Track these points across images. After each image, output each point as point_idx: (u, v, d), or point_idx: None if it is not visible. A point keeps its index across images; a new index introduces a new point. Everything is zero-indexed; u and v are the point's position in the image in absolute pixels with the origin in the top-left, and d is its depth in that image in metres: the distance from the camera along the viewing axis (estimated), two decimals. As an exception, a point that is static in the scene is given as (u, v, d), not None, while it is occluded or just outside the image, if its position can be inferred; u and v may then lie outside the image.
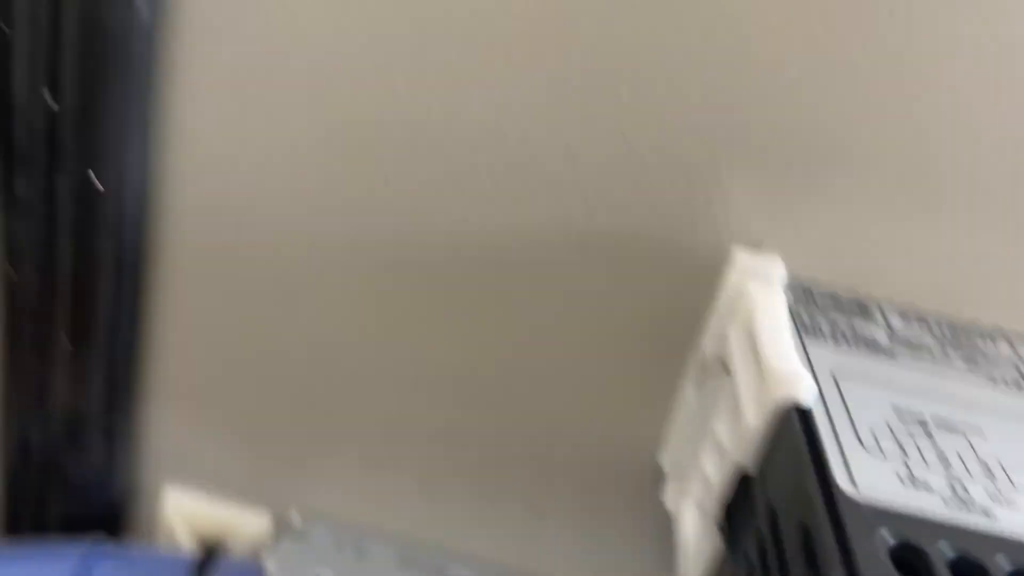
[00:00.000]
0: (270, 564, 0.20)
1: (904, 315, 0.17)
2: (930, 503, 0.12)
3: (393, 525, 0.22)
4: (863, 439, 0.13)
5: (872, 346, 0.16)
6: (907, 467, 0.13)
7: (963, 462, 0.13)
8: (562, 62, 0.17)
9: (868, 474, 0.12)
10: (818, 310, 0.17)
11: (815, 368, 0.15)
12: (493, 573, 0.21)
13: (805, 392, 0.13)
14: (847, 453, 0.13)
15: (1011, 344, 0.17)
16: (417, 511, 0.22)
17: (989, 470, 0.13)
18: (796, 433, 0.13)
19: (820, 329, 0.16)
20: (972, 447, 0.14)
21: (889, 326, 0.17)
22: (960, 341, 0.17)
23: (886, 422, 0.14)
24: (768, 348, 0.14)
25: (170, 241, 0.20)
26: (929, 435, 0.14)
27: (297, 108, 0.18)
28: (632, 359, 0.20)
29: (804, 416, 0.13)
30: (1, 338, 0.20)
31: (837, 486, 0.12)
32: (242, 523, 0.22)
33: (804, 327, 0.16)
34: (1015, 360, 0.17)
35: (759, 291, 0.16)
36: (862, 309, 0.17)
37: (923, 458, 0.13)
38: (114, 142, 0.18)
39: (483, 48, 0.17)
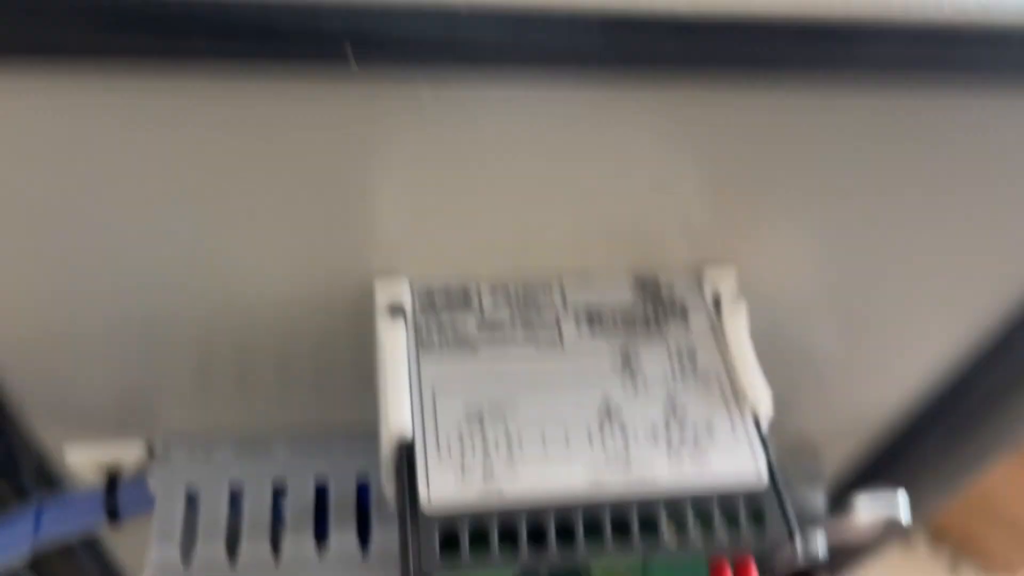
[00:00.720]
0: (151, 484, 0.30)
1: (494, 291, 0.26)
2: (471, 491, 0.22)
3: (231, 427, 0.33)
4: (441, 451, 0.23)
5: (463, 343, 0.25)
6: (461, 465, 0.22)
7: (496, 445, 0.23)
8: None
9: (439, 482, 0.22)
10: (434, 314, 0.25)
11: (422, 390, 0.24)
12: (304, 439, 0.33)
13: (402, 433, 0.23)
14: (430, 468, 0.22)
15: (562, 291, 0.27)
16: (242, 410, 0.33)
17: (510, 446, 0.23)
18: (401, 463, 0.22)
19: (432, 339, 0.25)
20: (506, 427, 0.23)
21: (481, 310, 0.26)
22: (528, 307, 0.26)
23: (458, 427, 0.23)
24: (383, 396, 0.23)
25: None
26: (482, 428, 0.23)
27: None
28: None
29: (407, 445, 0.23)
30: None
31: (418, 502, 0.22)
32: (127, 454, 0.32)
33: (421, 343, 0.25)
34: (559, 312, 0.26)
35: (383, 327, 0.24)
36: (465, 298, 0.26)
37: (472, 452, 0.23)
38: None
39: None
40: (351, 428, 0.32)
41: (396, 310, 0.25)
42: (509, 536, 0.22)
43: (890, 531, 0.38)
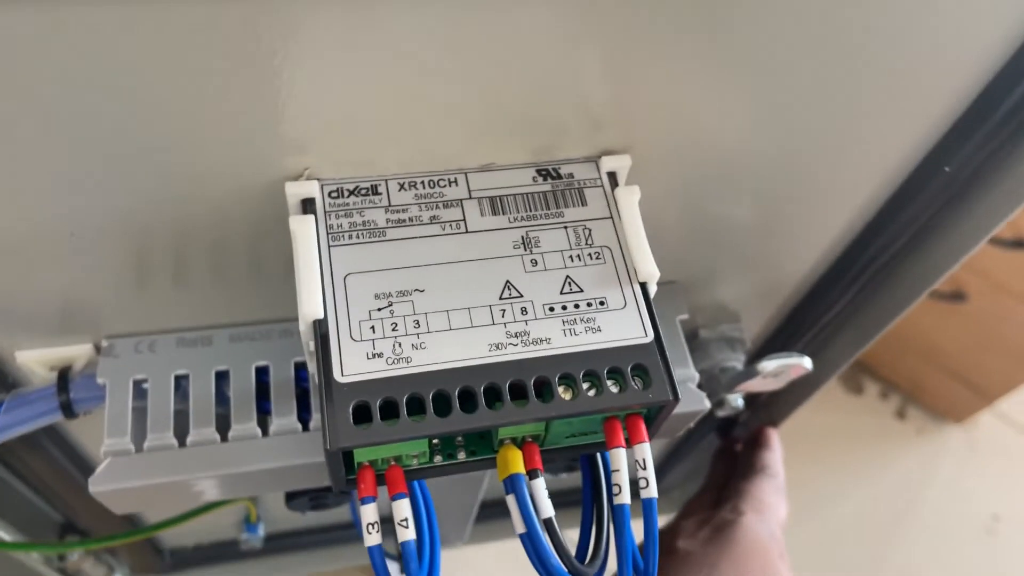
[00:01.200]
0: (100, 380, 0.32)
1: (401, 186, 0.27)
2: (380, 367, 0.24)
3: (172, 323, 0.35)
4: (352, 332, 0.25)
5: (372, 232, 0.26)
6: (372, 344, 0.24)
7: (404, 324, 0.25)
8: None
9: (351, 358, 0.24)
10: (344, 207, 0.27)
11: (334, 276, 0.25)
12: (243, 331, 0.35)
13: (314, 314, 0.24)
14: (342, 346, 0.24)
15: (467, 182, 0.28)
16: (182, 310, 0.34)
17: (418, 323, 0.25)
18: (316, 342, 0.25)
19: (343, 230, 0.26)
20: (414, 307, 0.25)
21: (389, 201, 0.27)
22: (434, 197, 0.27)
23: (368, 309, 0.25)
24: (298, 284, 0.25)
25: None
26: (391, 309, 0.25)
27: None
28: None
29: (321, 324, 0.25)
30: None
31: (332, 378, 0.24)
32: (76, 354, 0.34)
33: (332, 235, 0.26)
34: (463, 200, 0.28)
35: (295, 221, 0.26)
36: (373, 191, 0.27)
37: (383, 332, 0.25)
38: None
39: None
40: (289, 326, 0.35)
41: (307, 204, 0.27)
42: (418, 407, 0.24)
43: (799, 376, 0.41)
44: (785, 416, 0.52)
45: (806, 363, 0.37)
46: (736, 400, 0.41)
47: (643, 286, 0.27)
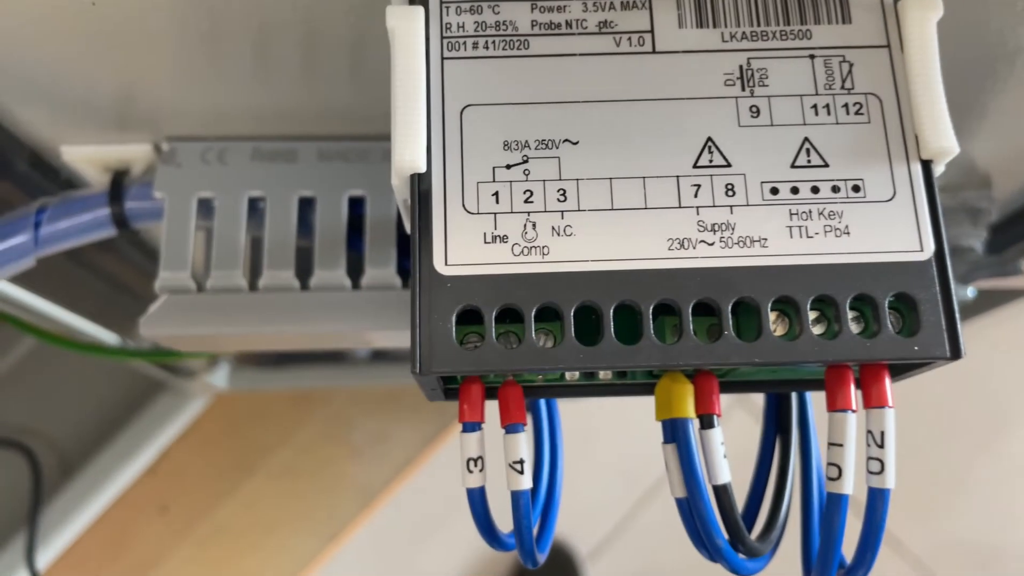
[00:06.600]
0: (158, 193, 0.26)
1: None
2: (502, 257, 0.16)
3: (248, 128, 0.27)
4: (466, 199, 0.16)
5: (510, 40, 0.17)
6: (494, 222, 0.16)
7: (544, 194, 0.16)
8: None
9: (461, 243, 0.16)
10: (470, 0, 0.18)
11: (446, 106, 0.17)
12: (335, 147, 0.27)
13: (413, 165, 0.16)
14: (449, 222, 0.16)
15: None
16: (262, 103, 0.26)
17: (564, 194, 0.16)
18: (414, 205, 0.16)
19: (465, 37, 0.17)
20: (560, 168, 0.17)
21: None
22: None
23: (491, 167, 0.17)
24: (393, 116, 0.16)
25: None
26: (526, 169, 0.17)
27: None
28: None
29: (422, 181, 0.16)
30: None
31: (431, 267, 0.16)
32: (133, 156, 0.27)
33: (448, 41, 0.17)
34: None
35: (394, 17, 0.17)
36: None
37: (510, 204, 0.16)
38: None
39: None
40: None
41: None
42: (551, 320, 0.16)
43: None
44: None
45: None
46: (967, 292, 0.31)
47: (926, 167, 0.17)
